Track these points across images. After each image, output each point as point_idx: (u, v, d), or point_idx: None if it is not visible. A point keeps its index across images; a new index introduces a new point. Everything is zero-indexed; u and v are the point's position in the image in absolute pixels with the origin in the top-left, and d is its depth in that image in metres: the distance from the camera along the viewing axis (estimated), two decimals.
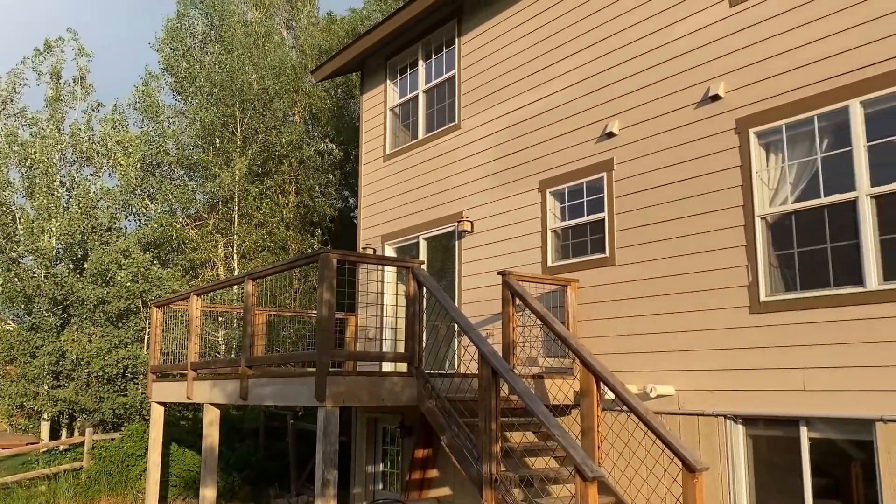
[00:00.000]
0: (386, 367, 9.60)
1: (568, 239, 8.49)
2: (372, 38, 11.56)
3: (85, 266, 18.47)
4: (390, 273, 10.94)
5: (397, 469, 10.55)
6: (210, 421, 9.61)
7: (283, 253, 21.03)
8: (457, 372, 8.12)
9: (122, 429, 16.08)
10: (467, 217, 9.80)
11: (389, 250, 11.50)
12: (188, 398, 9.76)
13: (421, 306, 7.10)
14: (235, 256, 20.68)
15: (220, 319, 18.80)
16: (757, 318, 6.42)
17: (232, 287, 16.87)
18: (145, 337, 18.10)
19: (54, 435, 19.34)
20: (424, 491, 8.95)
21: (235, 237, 20.66)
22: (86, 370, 17.25)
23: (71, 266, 19.31)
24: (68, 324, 18.40)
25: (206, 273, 20.63)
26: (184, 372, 9.97)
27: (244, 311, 8.34)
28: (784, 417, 6.19)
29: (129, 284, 17.75)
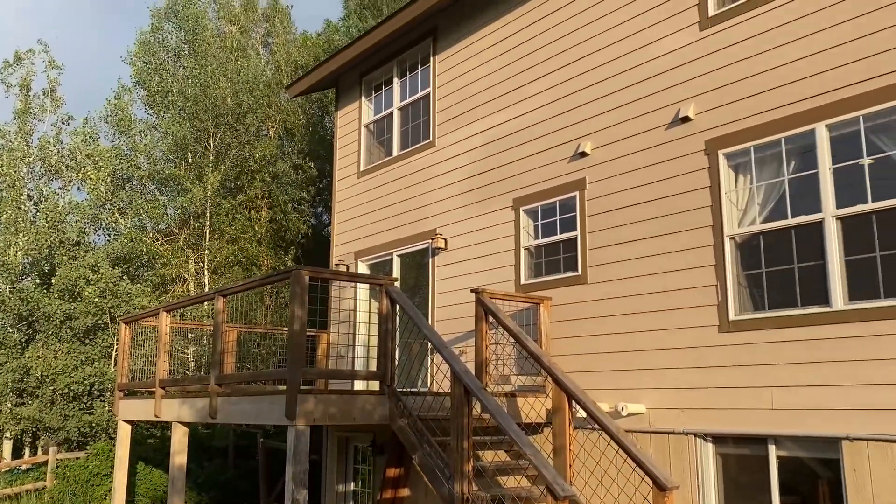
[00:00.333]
0: (358, 385, 9.54)
1: (541, 257, 8.53)
2: (347, 55, 11.58)
3: (52, 281, 18.16)
4: (363, 290, 10.89)
5: (369, 488, 10.44)
6: (178, 439, 9.45)
7: (255, 269, 20.87)
8: (429, 390, 8.09)
9: (88, 447, 15.78)
10: (441, 234, 9.81)
11: (363, 267, 11.46)
12: (156, 416, 9.60)
13: (394, 324, 7.07)
14: (206, 272, 20.47)
15: (190, 335, 18.57)
16: (726, 337, 6.49)
17: (202, 303, 16.69)
18: (113, 354, 17.81)
19: (17, 454, 18.90)
20: None
21: (207, 252, 20.47)
22: (51, 387, 16.92)
23: (37, 281, 18.98)
24: (33, 340, 18.05)
25: (177, 289, 20.40)
26: (152, 389, 9.81)
27: (214, 328, 8.24)
28: (753, 436, 6.25)
29: (97, 300, 17.48)
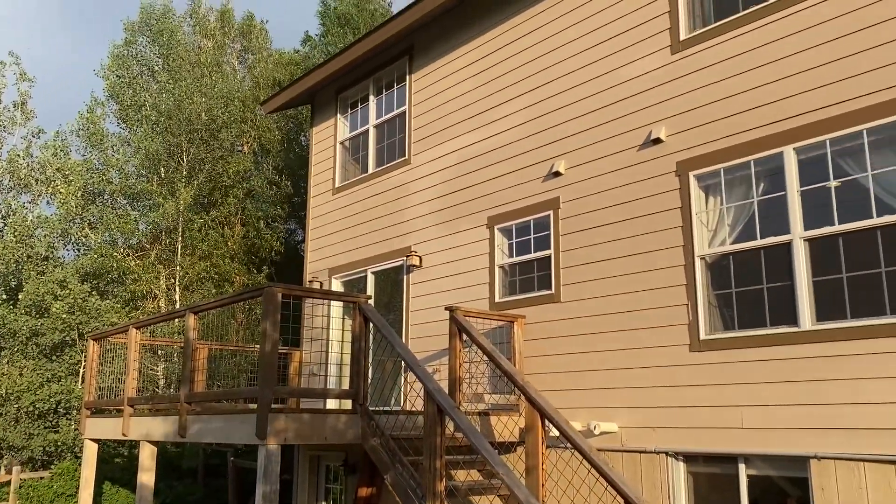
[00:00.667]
0: (330, 404, 9.46)
1: (515, 275, 8.56)
2: (323, 72, 11.59)
3: (19, 297, 17.81)
4: (336, 308, 10.83)
5: None
6: (146, 458, 9.27)
7: (228, 285, 20.65)
8: (402, 409, 8.04)
9: (53, 467, 15.42)
10: (416, 251, 9.81)
11: (337, 284, 11.40)
12: (124, 435, 9.41)
13: (367, 342, 7.03)
14: (178, 288, 20.22)
15: (161, 352, 18.29)
16: (697, 356, 6.55)
17: (174, 320, 16.47)
18: (81, 371, 17.47)
19: None
20: None
21: (178, 268, 20.23)
22: (15, 405, 16.52)
23: (4, 296, 18.60)
24: None
25: (147, 305, 20.11)
26: (120, 408, 9.63)
27: (185, 345, 8.13)
28: (723, 454, 6.29)
29: (66, 316, 17.16)
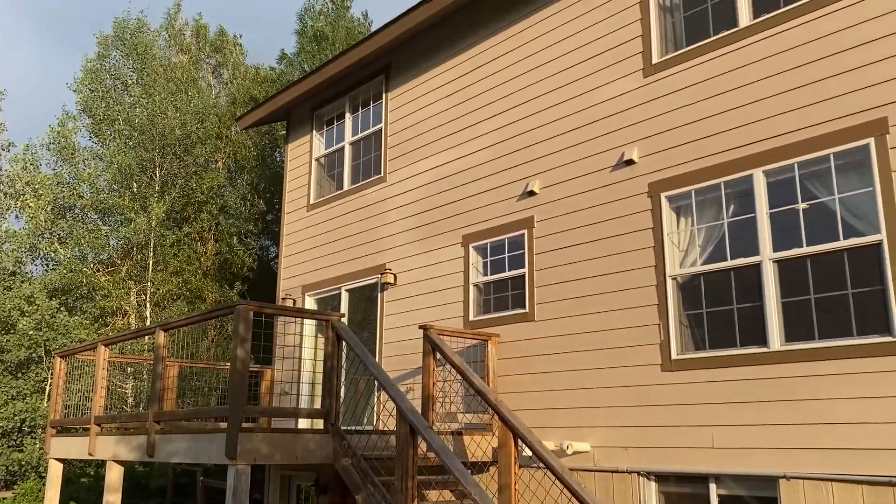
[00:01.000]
0: (302, 423, 9.36)
1: (490, 294, 8.57)
2: (299, 89, 11.58)
3: None
4: (309, 326, 10.75)
5: None
6: (113, 478, 9.08)
7: (200, 302, 20.40)
8: (375, 428, 7.99)
9: (16, 487, 15.05)
10: (391, 269, 9.79)
11: (310, 301, 11.33)
12: (90, 454, 9.22)
13: (340, 361, 6.99)
14: (149, 305, 19.94)
15: (130, 370, 17.99)
16: (669, 376, 6.60)
17: (144, 337, 16.23)
18: (47, 388, 17.13)
19: None
20: None
21: (149, 285, 19.96)
22: None
23: None
24: None
25: (117, 321, 19.79)
26: (87, 426, 9.44)
27: (154, 363, 8.01)
28: (694, 474, 6.33)
29: (32, 332, 16.84)
